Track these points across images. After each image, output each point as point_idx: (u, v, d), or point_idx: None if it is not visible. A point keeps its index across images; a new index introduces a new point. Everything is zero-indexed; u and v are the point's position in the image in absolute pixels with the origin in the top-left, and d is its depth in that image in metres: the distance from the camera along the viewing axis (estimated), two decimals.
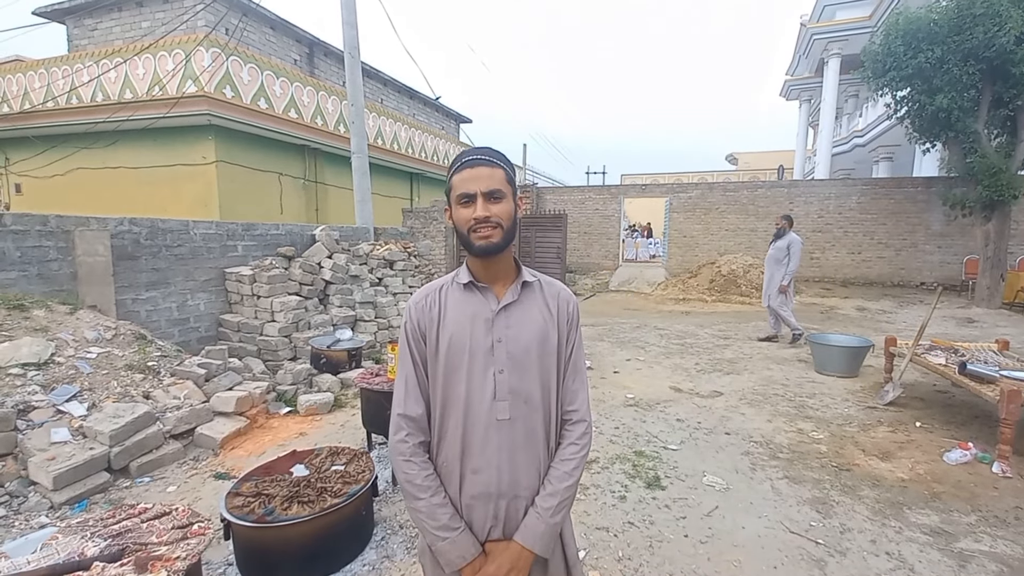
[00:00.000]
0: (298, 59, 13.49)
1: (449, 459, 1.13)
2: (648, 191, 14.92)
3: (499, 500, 1.11)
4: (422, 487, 1.09)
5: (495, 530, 1.12)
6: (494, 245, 1.09)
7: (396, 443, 1.13)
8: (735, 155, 32.82)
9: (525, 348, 1.12)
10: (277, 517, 2.06)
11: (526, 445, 1.12)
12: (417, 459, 1.12)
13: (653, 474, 3.10)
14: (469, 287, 1.15)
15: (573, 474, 1.14)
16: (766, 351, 6.29)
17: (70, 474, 2.79)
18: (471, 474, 1.11)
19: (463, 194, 1.08)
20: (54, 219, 4.27)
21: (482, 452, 1.10)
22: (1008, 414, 3.07)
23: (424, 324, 1.14)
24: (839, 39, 16.02)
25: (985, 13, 7.99)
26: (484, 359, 1.11)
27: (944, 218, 11.01)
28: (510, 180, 1.12)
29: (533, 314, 1.15)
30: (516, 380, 1.11)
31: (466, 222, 1.09)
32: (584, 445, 1.17)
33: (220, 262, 5.52)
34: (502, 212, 1.09)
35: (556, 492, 1.11)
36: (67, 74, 9.91)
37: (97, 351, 3.77)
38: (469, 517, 1.12)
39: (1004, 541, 2.45)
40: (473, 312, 1.13)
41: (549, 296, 1.19)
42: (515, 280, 1.17)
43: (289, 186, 11.02)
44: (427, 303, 1.16)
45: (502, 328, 1.12)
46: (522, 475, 1.12)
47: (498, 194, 1.08)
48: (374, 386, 3.12)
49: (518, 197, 1.15)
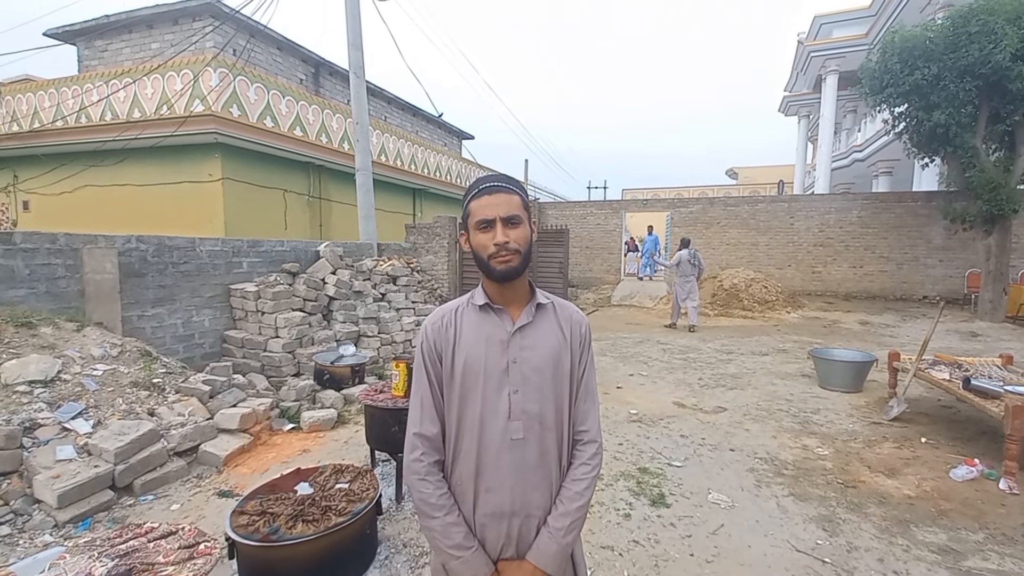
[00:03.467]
0: (304, 78, 13.71)
1: (463, 478, 1.15)
2: (649, 206, 15.01)
3: (512, 519, 1.12)
4: (437, 506, 1.11)
5: (508, 549, 1.13)
6: (514, 270, 1.12)
7: (411, 462, 1.14)
8: (735, 170, 32.99)
9: (539, 369, 1.14)
10: (282, 536, 2.06)
11: (539, 465, 1.14)
12: (432, 478, 1.13)
13: (658, 491, 3.09)
14: (485, 309, 1.18)
15: (585, 494, 1.15)
16: (769, 366, 6.28)
17: (75, 492, 2.79)
18: (485, 493, 1.13)
19: (482, 220, 1.11)
20: (63, 237, 4.32)
21: (496, 471, 1.12)
22: (1014, 430, 3.06)
23: (440, 345, 1.16)
24: (836, 56, 16.24)
25: (980, 31, 8.11)
26: (499, 380, 1.13)
27: (945, 232, 11.03)
28: (525, 206, 1.16)
29: (547, 336, 1.18)
30: (530, 401, 1.13)
31: (485, 247, 1.11)
32: (595, 465, 1.19)
33: (225, 278, 5.56)
34: (520, 237, 1.12)
35: (568, 512, 1.13)
36: (77, 94, 10.08)
37: (103, 368, 3.79)
38: (482, 536, 1.13)
39: (1012, 559, 2.43)
40: (488, 334, 1.15)
41: (563, 318, 1.21)
42: (529, 302, 1.19)
43: (294, 202, 11.11)
44: (443, 324, 1.18)
45: (517, 349, 1.14)
46: (534, 494, 1.13)
47: (516, 219, 1.12)
48: (378, 403, 3.12)
49: (532, 221, 1.18)
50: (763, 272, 12.35)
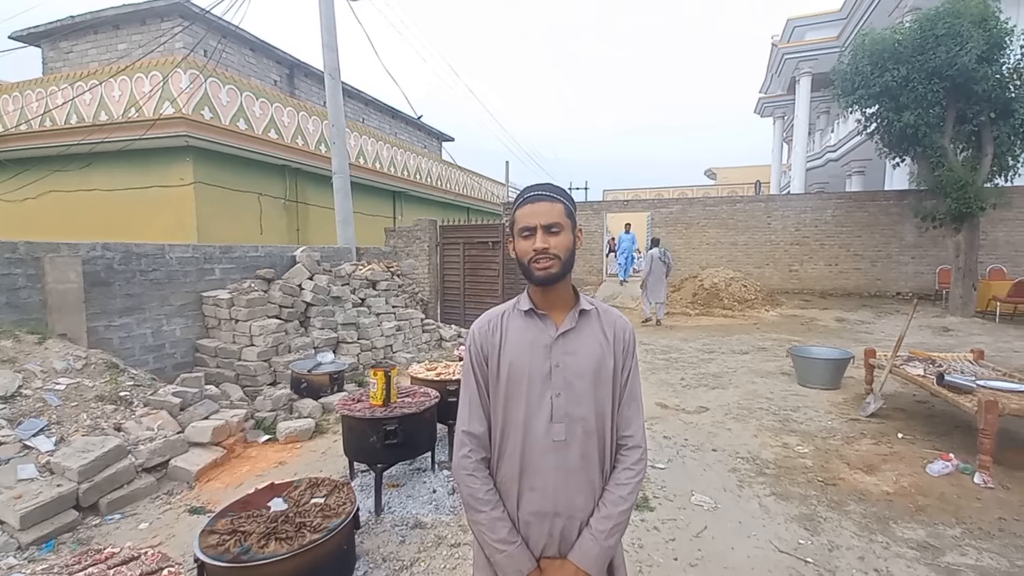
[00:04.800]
0: (278, 80, 13.48)
1: (508, 477, 1.19)
2: (630, 206, 15.10)
3: (555, 519, 1.15)
4: (484, 500, 1.15)
5: (550, 548, 1.16)
6: (552, 276, 1.15)
7: (460, 458, 1.19)
8: (714, 170, 33.48)
9: (581, 374, 1.17)
10: (253, 556, 1.97)
11: (581, 467, 1.17)
12: (479, 474, 1.18)
13: (641, 495, 3.06)
14: (530, 314, 1.21)
15: (628, 499, 1.17)
16: (750, 364, 6.34)
17: (37, 513, 2.67)
18: (529, 492, 1.17)
19: (524, 227, 1.16)
20: (24, 246, 4.14)
21: (539, 472, 1.16)
22: (987, 424, 3.12)
23: (487, 349, 1.21)
24: (809, 58, 16.58)
25: (947, 33, 8.33)
26: (542, 384, 1.17)
27: (916, 230, 11.29)
28: (569, 214, 1.19)
29: (590, 341, 1.20)
30: (572, 404, 1.16)
31: (526, 253, 1.16)
32: (639, 471, 1.21)
33: (197, 286, 5.40)
34: (560, 244, 1.15)
35: (611, 516, 1.15)
36: (41, 97, 9.75)
37: (66, 382, 3.64)
38: (526, 533, 1.17)
39: (989, 554, 2.46)
40: (532, 338, 1.19)
41: (606, 324, 1.24)
42: (573, 307, 1.22)
43: (269, 207, 10.89)
44: (490, 328, 1.23)
45: (560, 354, 1.18)
46: (577, 497, 1.16)
47: (556, 227, 1.15)
48: (355, 412, 3.03)
49: (577, 229, 1.21)
50: (742, 271, 12.50)
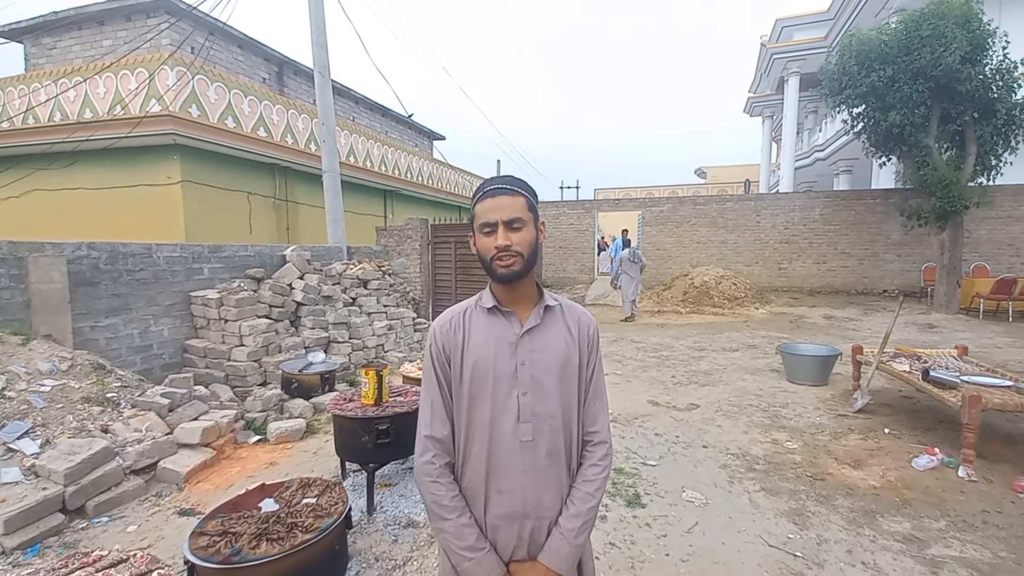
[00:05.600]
0: (267, 77, 13.35)
1: (474, 480, 1.15)
2: (621, 205, 15.16)
3: (524, 521, 1.13)
4: (449, 508, 1.11)
5: (519, 550, 1.14)
6: (515, 273, 1.12)
7: (423, 464, 1.14)
8: (704, 169, 33.69)
9: (548, 371, 1.15)
10: (244, 557, 1.96)
11: (549, 466, 1.15)
12: (444, 480, 1.13)
13: (633, 491, 3.09)
14: (493, 311, 1.18)
15: (595, 495, 1.16)
16: (739, 362, 6.40)
17: (21, 517, 2.63)
18: (496, 494, 1.13)
19: (485, 223, 1.12)
20: (6, 245, 4.07)
21: (507, 474, 1.13)
22: (970, 419, 3.17)
23: (449, 348, 1.17)
24: (797, 58, 16.74)
25: (932, 35, 8.46)
26: (508, 383, 1.13)
27: (902, 228, 11.46)
28: (531, 207, 1.15)
29: (555, 338, 1.18)
30: (539, 403, 1.14)
31: (488, 251, 1.12)
32: (605, 467, 1.20)
33: (185, 286, 5.34)
34: (523, 240, 1.11)
35: (580, 513, 1.14)
36: (23, 94, 9.57)
37: (51, 384, 3.58)
38: (494, 537, 1.14)
39: (973, 546, 2.51)
40: (497, 336, 1.15)
41: (570, 319, 1.22)
42: (537, 304, 1.20)
43: (259, 205, 10.80)
44: (451, 327, 1.18)
45: (525, 352, 1.15)
46: (546, 496, 1.14)
47: (518, 223, 1.11)
48: (347, 412, 3.02)
49: (540, 223, 1.18)
50: (732, 269, 12.61)
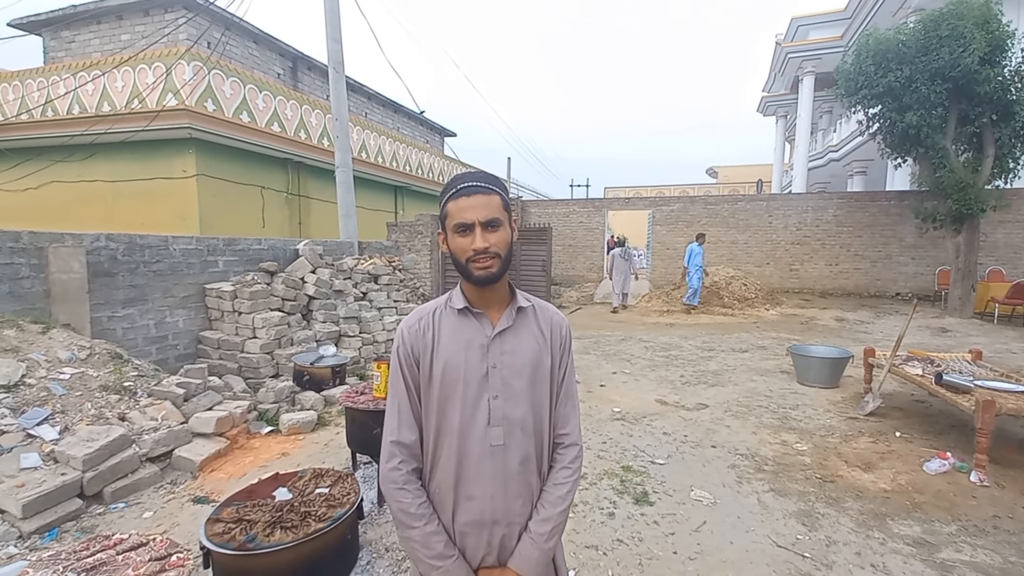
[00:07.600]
0: (281, 73, 13.44)
1: (442, 486, 1.11)
2: (631, 204, 15.11)
3: (494, 527, 1.09)
4: (416, 515, 1.07)
5: (489, 557, 1.11)
6: (493, 275, 1.08)
7: (389, 471, 1.10)
8: (715, 168, 33.47)
9: (519, 373, 1.11)
10: (259, 544, 2.00)
11: (520, 471, 1.11)
12: (411, 487, 1.10)
13: (641, 489, 3.10)
14: (464, 312, 1.13)
15: (566, 498, 1.13)
16: (749, 362, 6.37)
17: (40, 501, 2.68)
18: (465, 501, 1.10)
19: (460, 224, 1.06)
20: (27, 235, 4.15)
21: (476, 479, 1.09)
22: (983, 424, 3.15)
23: (418, 350, 1.12)
24: (812, 58, 16.55)
25: (951, 35, 8.33)
26: (479, 386, 1.09)
27: (916, 231, 11.32)
28: (506, 206, 1.11)
29: (527, 339, 1.14)
30: (510, 406, 1.10)
31: (464, 252, 1.07)
32: (576, 469, 1.17)
33: (200, 278, 5.41)
34: (500, 241, 1.07)
35: (550, 517, 1.11)
36: (42, 86, 9.71)
37: (70, 372, 3.65)
38: (463, 544, 1.10)
39: (984, 551, 2.49)
40: (468, 339, 1.11)
41: (543, 320, 1.18)
42: (510, 305, 1.16)
43: (272, 200, 10.89)
44: (420, 328, 1.14)
45: (497, 354, 1.11)
46: (516, 502, 1.11)
47: (496, 223, 1.06)
48: (359, 404, 3.07)
49: (513, 220, 1.14)
50: (742, 270, 12.54)
